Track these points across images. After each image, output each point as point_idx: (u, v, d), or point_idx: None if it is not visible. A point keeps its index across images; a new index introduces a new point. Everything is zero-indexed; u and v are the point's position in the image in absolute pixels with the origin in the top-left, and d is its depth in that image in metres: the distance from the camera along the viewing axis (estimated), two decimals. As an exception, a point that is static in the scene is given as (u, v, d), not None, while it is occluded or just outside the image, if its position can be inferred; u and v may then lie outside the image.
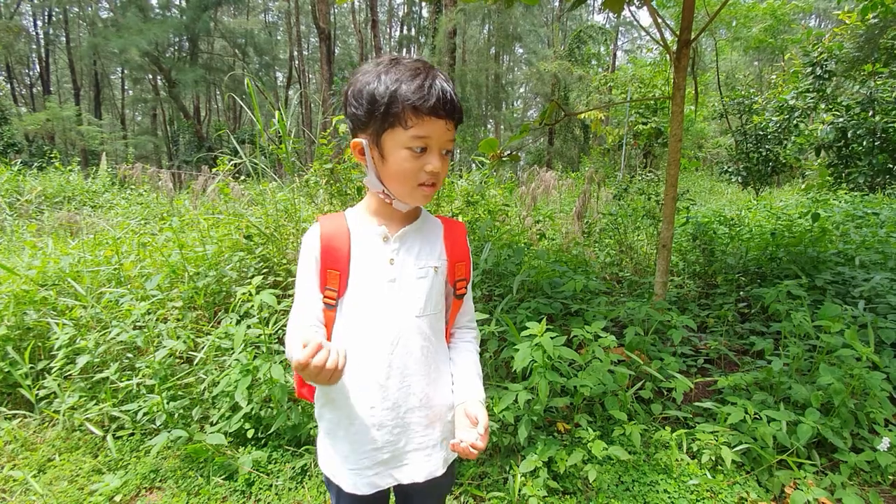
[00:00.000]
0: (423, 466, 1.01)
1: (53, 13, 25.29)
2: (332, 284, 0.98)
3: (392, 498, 1.23)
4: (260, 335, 2.19)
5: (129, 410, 2.28)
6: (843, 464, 1.90)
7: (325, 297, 0.99)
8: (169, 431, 2.07)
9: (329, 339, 1.02)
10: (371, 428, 0.97)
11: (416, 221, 1.03)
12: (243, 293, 2.17)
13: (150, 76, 25.09)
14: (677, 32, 2.69)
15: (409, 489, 1.06)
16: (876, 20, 7.88)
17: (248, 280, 2.59)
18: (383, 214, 1.01)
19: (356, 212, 1.04)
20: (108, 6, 22.27)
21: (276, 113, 2.97)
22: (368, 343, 0.97)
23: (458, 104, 0.90)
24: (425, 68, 0.88)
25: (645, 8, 2.96)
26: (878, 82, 8.00)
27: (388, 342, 0.96)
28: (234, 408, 2.20)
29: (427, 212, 1.08)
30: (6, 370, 2.47)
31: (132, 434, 2.31)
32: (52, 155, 8.97)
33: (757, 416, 2.00)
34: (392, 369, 0.97)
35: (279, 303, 2.43)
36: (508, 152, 3.25)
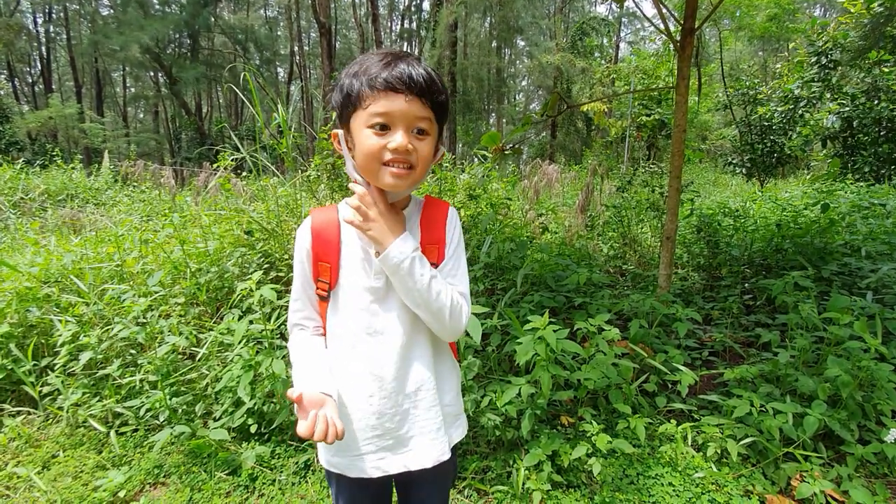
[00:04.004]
0: (430, 452, 1.01)
1: (54, 10, 25.25)
2: (324, 276, 1.00)
3: (394, 498, 1.22)
4: (262, 330, 2.19)
5: (132, 406, 2.28)
6: (849, 456, 1.89)
7: (317, 288, 1.01)
8: (172, 427, 2.08)
9: (324, 328, 1.04)
10: (371, 416, 0.98)
11: (402, 212, 1.00)
12: (243, 288, 2.16)
13: (152, 73, 25.09)
14: (681, 21, 2.66)
15: (414, 479, 1.06)
16: (882, 8, 7.78)
17: (250, 276, 2.59)
18: None
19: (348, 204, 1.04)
20: (108, 3, 22.25)
21: (277, 108, 2.94)
22: (361, 334, 0.98)
23: (422, 80, 0.86)
24: (394, 54, 0.89)
25: (648, -3, 2.91)
26: (885, 70, 7.90)
27: (380, 332, 0.97)
28: (237, 403, 2.20)
29: (417, 198, 1.05)
30: (10, 367, 2.48)
31: (136, 430, 2.31)
32: (55, 153, 8.96)
33: (763, 409, 1.98)
34: (386, 358, 0.97)
35: (280, 298, 2.43)
36: (511, 145, 3.22)
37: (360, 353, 0.98)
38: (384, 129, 0.87)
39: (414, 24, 30.34)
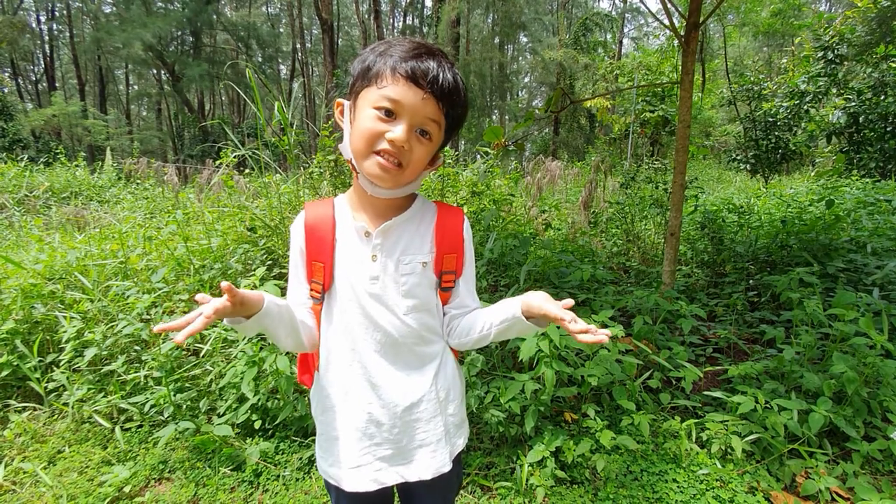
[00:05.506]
0: (430, 463, 0.97)
1: (56, 8, 25.29)
2: (318, 277, 0.94)
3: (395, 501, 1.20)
4: (265, 327, 2.19)
5: (136, 402, 2.29)
6: (855, 453, 1.88)
7: (311, 289, 0.96)
8: (176, 423, 2.08)
9: (317, 334, 0.99)
10: (369, 425, 0.94)
11: (404, 213, 0.95)
12: (247, 285, 2.16)
13: (154, 70, 25.13)
14: (686, 16, 2.64)
15: (415, 489, 1.02)
16: (888, 3, 7.72)
17: (254, 272, 2.59)
18: (367, 205, 0.95)
19: (344, 200, 0.99)
20: (110, 0, 22.26)
21: (276, 104, 2.94)
22: (356, 340, 0.93)
23: (447, 85, 0.82)
24: (428, 47, 0.84)
25: (652, -9, 2.89)
26: (892, 65, 7.84)
27: (376, 340, 0.93)
28: (241, 399, 2.20)
29: (424, 199, 1.00)
30: (15, 363, 2.49)
31: (140, 426, 2.32)
32: (58, 150, 8.98)
33: (768, 406, 1.98)
34: (382, 367, 0.93)
35: (283, 294, 2.43)
36: (514, 141, 3.21)
37: (357, 359, 0.93)
38: (389, 115, 0.82)
39: (416, 21, 30.28)
